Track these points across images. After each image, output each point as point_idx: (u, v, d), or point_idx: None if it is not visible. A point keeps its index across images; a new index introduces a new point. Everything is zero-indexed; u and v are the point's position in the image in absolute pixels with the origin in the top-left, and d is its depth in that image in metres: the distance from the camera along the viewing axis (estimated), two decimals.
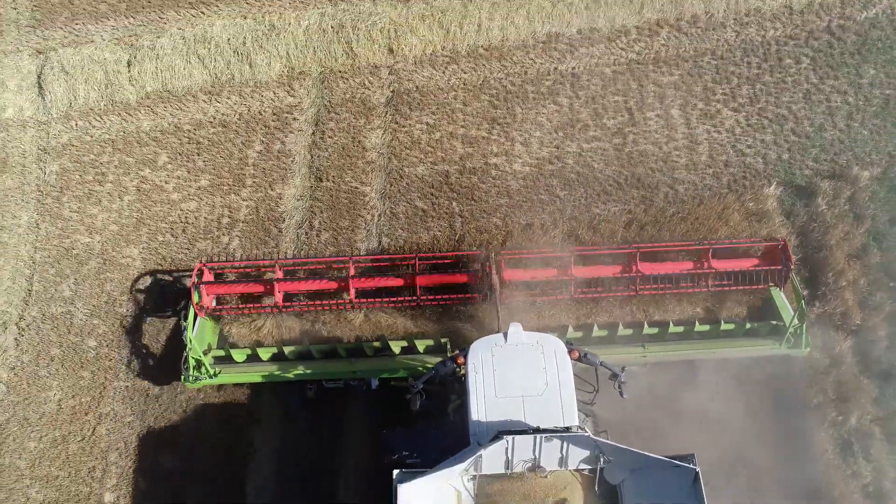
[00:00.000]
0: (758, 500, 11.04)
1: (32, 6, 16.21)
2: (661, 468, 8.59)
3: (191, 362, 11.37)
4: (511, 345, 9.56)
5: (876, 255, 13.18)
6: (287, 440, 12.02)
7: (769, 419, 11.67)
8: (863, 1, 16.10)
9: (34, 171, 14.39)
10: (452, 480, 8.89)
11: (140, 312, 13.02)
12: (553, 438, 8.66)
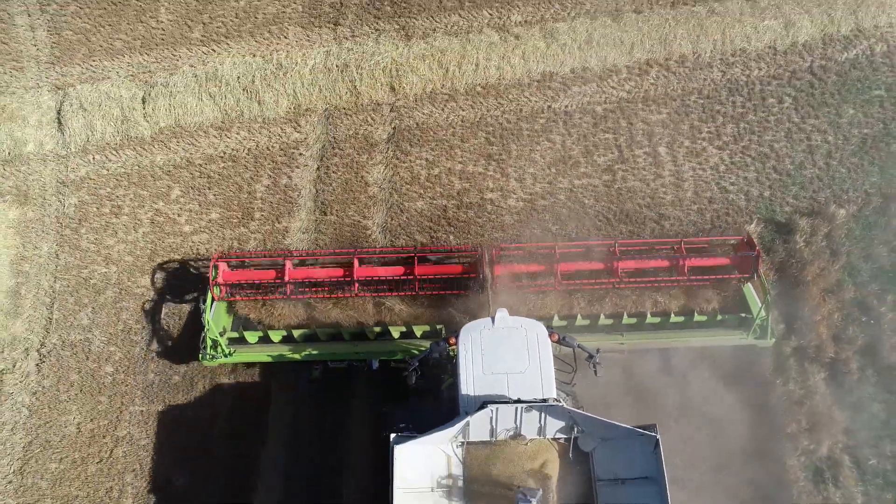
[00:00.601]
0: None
1: (51, 43, 17.07)
2: (627, 437, 9.73)
3: (208, 342, 12.42)
4: (498, 328, 10.63)
5: (850, 291, 13.93)
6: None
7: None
8: (843, 42, 16.91)
9: (54, 204, 15.20)
10: (443, 446, 9.99)
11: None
12: (532, 409, 9.84)
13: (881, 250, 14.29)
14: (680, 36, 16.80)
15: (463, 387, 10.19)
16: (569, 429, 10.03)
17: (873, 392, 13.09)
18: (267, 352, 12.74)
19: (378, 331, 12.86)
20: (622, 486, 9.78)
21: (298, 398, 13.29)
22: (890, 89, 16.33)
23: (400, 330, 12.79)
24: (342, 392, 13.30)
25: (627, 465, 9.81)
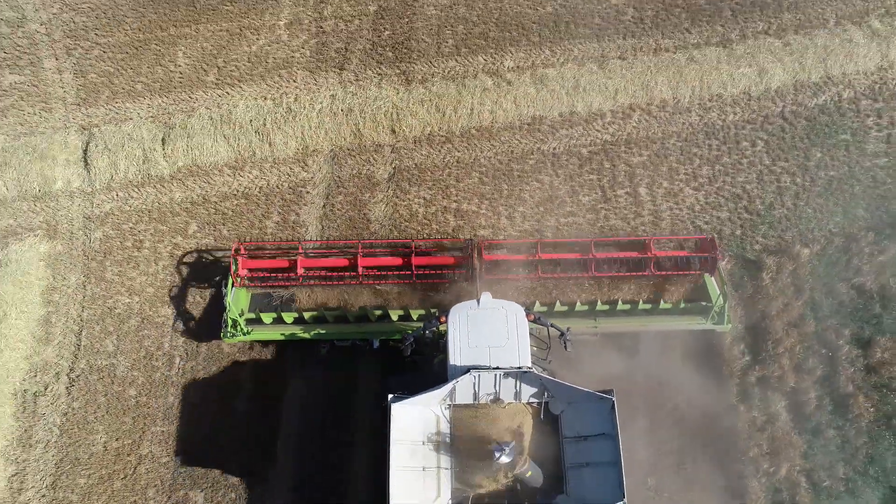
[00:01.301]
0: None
1: (77, 85, 18.39)
2: (588, 400, 11.40)
3: (228, 322, 13.96)
4: (482, 308, 12.28)
5: (811, 325, 15.15)
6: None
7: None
8: (813, 88, 18.16)
9: (80, 238, 16.49)
10: (433, 407, 11.69)
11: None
12: (509, 376, 11.54)
13: (841, 287, 15.53)
14: (661, 82, 18.10)
15: (451, 358, 11.78)
16: (541, 394, 11.74)
17: (829, 419, 14.34)
18: (280, 331, 14.39)
19: (379, 314, 14.48)
20: (584, 441, 11.44)
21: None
22: (855, 134, 17.62)
23: (398, 313, 14.42)
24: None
25: (588, 424, 11.48)
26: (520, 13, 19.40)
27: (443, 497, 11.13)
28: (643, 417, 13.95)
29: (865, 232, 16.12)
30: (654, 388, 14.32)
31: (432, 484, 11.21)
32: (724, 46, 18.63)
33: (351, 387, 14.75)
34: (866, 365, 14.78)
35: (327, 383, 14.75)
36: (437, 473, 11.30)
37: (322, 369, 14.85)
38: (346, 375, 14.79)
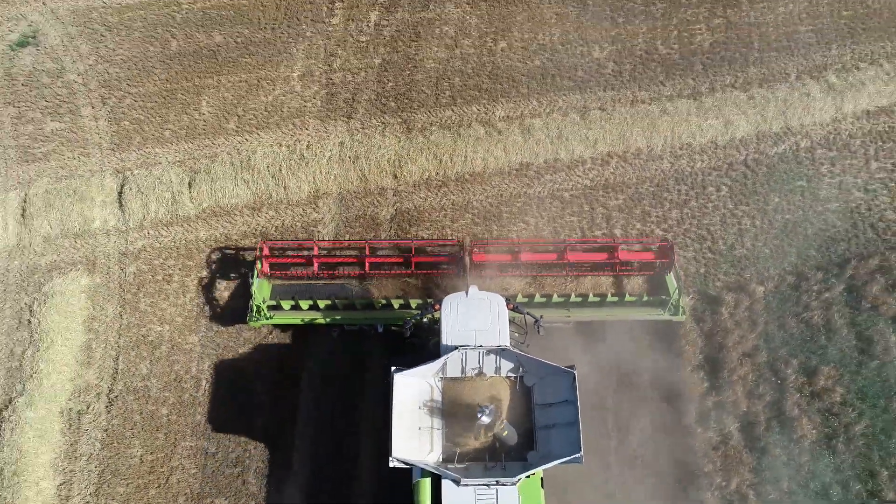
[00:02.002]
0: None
1: (112, 132, 20.44)
2: (555, 373, 13.72)
3: (253, 308, 16.36)
4: (470, 298, 14.61)
5: (763, 356, 17.12)
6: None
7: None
8: (774, 138, 20.16)
9: (116, 272, 18.51)
10: (428, 379, 14.01)
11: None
12: (491, 353, 13.96)
13: (791, 321, 17.47)
14: (636, 132, 20.10)
15: (443, 339, 14.18)
16: (517, 369, 14.16)
17: (777, 439, 16.26)
18: (298, 317, 16.76)
19: (383, 302, 16.82)
20: (550, 408, 13.69)
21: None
22: (810, 180, 19.59)
23: (399, 302, 16.76)
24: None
25: (554, 393, 13.78)
26: (511, 66, 21.43)
27: (435, 452, 13.55)
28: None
29: (815, 271, 18.10)
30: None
31: (426, 441, 13.56)
32: (695, 99, 20.64)
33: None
34: (811, 391, 16.75)
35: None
36: (430, 433, 13.67)
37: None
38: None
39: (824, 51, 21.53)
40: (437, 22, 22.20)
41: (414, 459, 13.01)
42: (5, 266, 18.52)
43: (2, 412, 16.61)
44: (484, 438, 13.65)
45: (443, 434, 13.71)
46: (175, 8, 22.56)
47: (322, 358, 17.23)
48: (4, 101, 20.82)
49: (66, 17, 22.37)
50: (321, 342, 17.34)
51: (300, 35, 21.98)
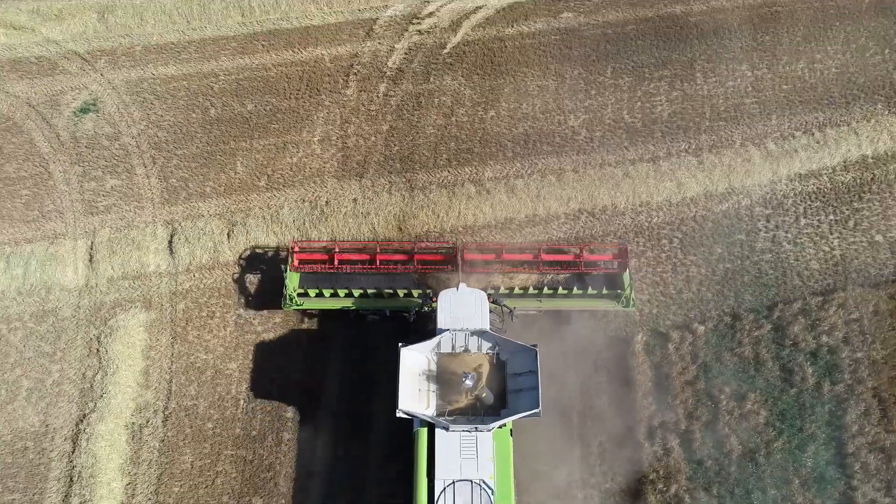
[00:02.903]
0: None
1: (162, 188, 24.23)
2: (523, 350, 18.01)
3: (286, 295, 20.38)
4: (460, 293, 19.07)
5: (702, 383, 20.75)
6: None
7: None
8: (719, 197, 23.85)
9: (168, 308, 22.23)
10: (426, 353, 18.22)
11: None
12: (474, 335, 18.48)
13: (726, 355, 21.13)
14: (603, 191, 23.81)
15: (439, 323, 18.61)
16: (494, 347, 18.47)
17: (710, 453, 19.86)
18: (322, 304, 20.91)
19: (390, 292, 20.73)
20: (518, 376, 17.96)
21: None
22: (748, 234, 23.25)
23: (404, 292, 20.84)
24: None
25: (522, 365, 17.97)
26: (498, 132, 25.19)
27: (430, 408, 17.81)
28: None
29: (748, 313, 21.78)
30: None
31: (424, 400, 17.90)
32: (653, 163, 24.36)
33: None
34: (740, 413, 20.38)
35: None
36: (427, 394, 17.99)
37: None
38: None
39: (766, 121, 25.27)
40: (436, 93, 26.01)
41: (415, 411, 17.25)
42: (76, 303, 22.28)
43: (78, 425, 20.36)
44: (468, 399, 17.97)
45: (436, 395, 18.01)
46: (213, 79, 26.43)
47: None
48: (71, 161, 24.67)
49: (121, 87, 26.24)
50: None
51: (319, 104, 25.80)
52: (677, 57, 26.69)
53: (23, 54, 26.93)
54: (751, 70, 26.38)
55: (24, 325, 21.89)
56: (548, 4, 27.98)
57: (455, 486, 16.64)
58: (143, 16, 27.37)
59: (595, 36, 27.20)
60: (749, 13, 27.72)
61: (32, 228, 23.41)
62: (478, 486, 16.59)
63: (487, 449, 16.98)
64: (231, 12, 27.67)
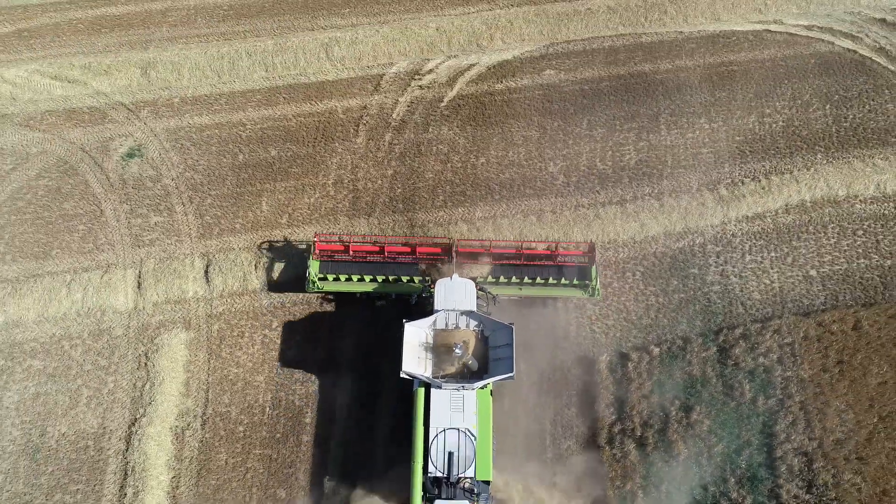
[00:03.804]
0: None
1: (198, 224, 28.17)
2: (502, 327, 22.45)
3: (309, 279, 24.75)
4: (453, 281, 23.68)
5: (656, 396, 24.50)
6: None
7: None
8: (676, 236, 27.63)
9: (204, 329, 26.11)
10: (425, 329, 22.65)
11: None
12: (463, 314, 23.04)
13: (677, 373, 24.91)
14: (576, 230, 27.68)
15: (436, 305, 23.29)
16: (479, 325, 23.04)
17: (661, 455, 23.59)
18: (338, 287, 25.48)
19: (394, 279, 25.20)
20: (498, 348, 22.36)
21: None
22: (701, 268, 27.06)
23: (407, 279, 25.29)
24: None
25: (501, 339, 22.42)
26: (488, 177, 29.09)
27: (427, 371, 22.36)
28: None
29: (697, 337, 25.57)
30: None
31: (423, 365, 22.44)
32: (621, 205, 28.21)
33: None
34: (687, 423, 24.12)
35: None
36: (425, 361, 22.54)
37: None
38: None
39: (719, 168, 29.13)
40: (434, 142, 29.96)
41: (415, 373, 21.77)
42: (127, 324, 26.19)
43: (131, 427, 24.24)
44: (457, 365, 22.47)
45: (432, 361, 22.62)
46: (241, 128, 30.44)
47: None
48: (120, 200, 28.66)
49: (162, 135, 30.26)
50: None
51: (333, 151, 29.77)
52: (645, 111, 30.65)
53: (76, 105, 31.04)
54: (708, 123, 30.31)
55: (84, 342, 25.86)
56: (532, 63, 32.04)
57: (446, 432, 21.17)
58: (180, 71, 31.47)
59: (573, 91, 31.19)
60: (708, 71, 31.72)
61: (88, 259, 27.42)
62: (463, 433, 21.17)
63: (472, 404, 21.50)
64: (256, 68, 31.76)
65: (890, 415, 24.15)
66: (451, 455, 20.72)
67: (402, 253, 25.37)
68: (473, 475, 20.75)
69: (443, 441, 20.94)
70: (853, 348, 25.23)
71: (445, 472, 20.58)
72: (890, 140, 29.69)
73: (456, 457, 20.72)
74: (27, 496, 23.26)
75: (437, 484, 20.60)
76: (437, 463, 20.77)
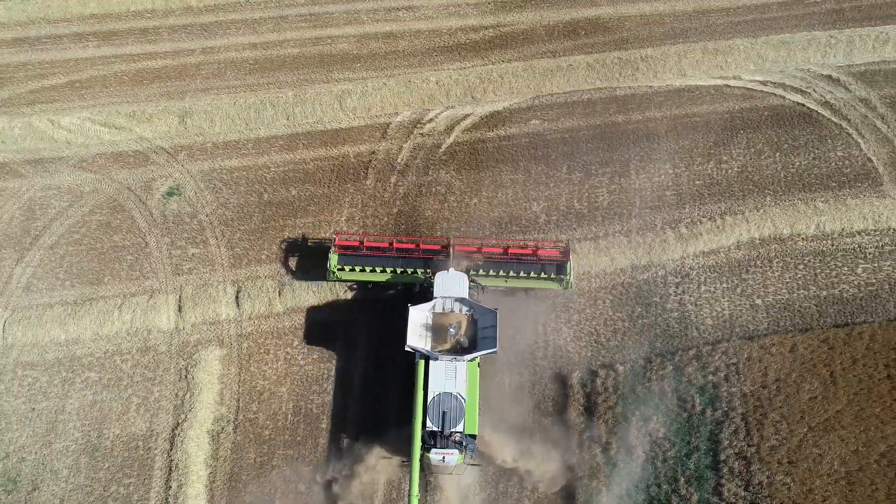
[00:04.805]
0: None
1: (229, 255, 32.61)
2: (489, 312, 28.27)
3: (329, 270, 29.41)
4: (450, 273, 29.35)
5: (620, 408, 28.73)
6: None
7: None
8: (641, 269, 31.94)
9: (235, 346, 30.49)
10: (426, 312, 27.79)
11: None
12: (457, 301, 29.09)
13: (638, 388, 29.17)
14: None
15: (435, 293, 28.62)
16: (470, 309, 28.53)
17: (622, 458, 27.84)
18: (354, 276, 30.29)
19: (400, 271, 29.62)
20: (485, 329, 27.64)
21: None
22: (661, 297, 31.39)
23: (412, 270, 30.00)
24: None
25: (488, 321, 27.78)
26: (479, 216, 33.49)
27: (427, 346, 27.30)
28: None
29: (656, 357, 29.82)
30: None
31: (423, 341, 27.62)
32: (595, 241, 32.56)
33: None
34: (647, 430, 28.35)
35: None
36: (425, 337, 27.72)
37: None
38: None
39: (681, 209, 33.46)
40: (433, 184, 34.40)
41: (417, 347, 26.67)
42: (169, 341, 30.60)
43: (174, 431, 28.63)
44: (451, 342, 27.51)
45: (431, 338, 27.75)
46: (265, 171, 34.93)
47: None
48: (162, 233, 33.12)
49: (197, 176, 34.77)
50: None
51: (345, 191, 34.22)
52: (617, 157, 35.05)
53: (123, 148, 35.59)
54: (672, 168, 34.67)
55: (133, 357, 30.30)
56: (520, 113, 36.51)
57: (441, 395, 26.12)
58: (212, 119, 35.98)
59: (556, 139, 35.62)
60: (674, 122, 36.12)
61: (136, 285, 31.90)
62: (455, 397, 26.07)
63: (462, 373, 26.61)
64: (279, 117, 36.26)
65: (818, 425, 28.44)
66: (445, 414, 25.85)
67: (408, 249, 30.03)
68: (462, 430, 25.88)
69: (438, 402, 26.00)
70: (789, 368, 29.54)
71: (440, 427, 25.73)
72: (831, 185, 34.06)
73: (449, 415, 25.79)
74: (88, 487, 27.65)
75: (434, 436, 25.74)
76: (433, 420, 25.79)
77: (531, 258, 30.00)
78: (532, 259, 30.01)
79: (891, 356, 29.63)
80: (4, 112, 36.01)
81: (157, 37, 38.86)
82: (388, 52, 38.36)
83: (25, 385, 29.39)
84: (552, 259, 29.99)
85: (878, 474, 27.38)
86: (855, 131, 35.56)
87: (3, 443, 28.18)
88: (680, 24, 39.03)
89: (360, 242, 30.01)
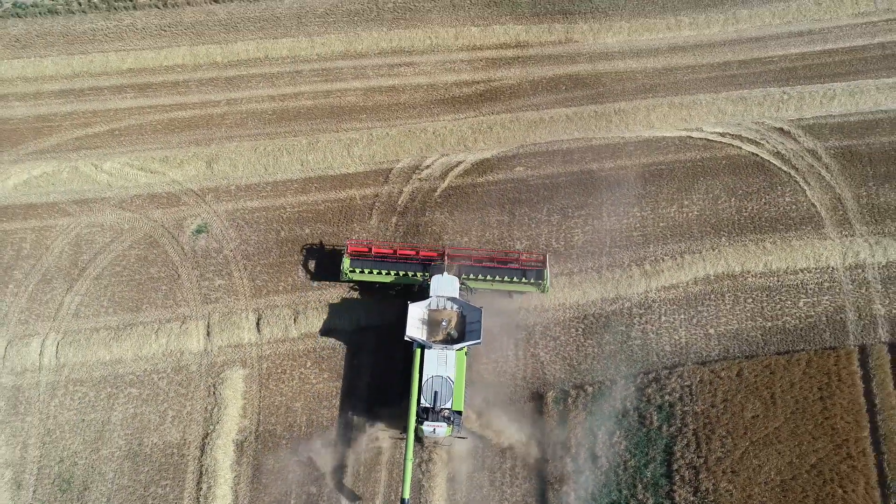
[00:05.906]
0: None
1: (251, 286, 37.23)
2: (475, 309, 33.68)
3: (342, 271, 34.98)
4: (444, 276, 34.52)
5: (588, 422, 33.23)
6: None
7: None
8: (610, 301, 36.52)
9: (257, 367, 35.14)
10: (423, 308, 33.69)
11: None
12: (449, 300, 34.10)
13: (604, 406, 33.72)
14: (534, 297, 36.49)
15: (431, 292, 33.87)
16: (460, 307, 33.78)
17: (586, 466, 32.32)
18: (363, 277, 35.41)
19: (402, 274, 34.97)
20: (472, 323, 33.11)
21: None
22: (626, 327, 35.96)
23: (412, 273, 35.20)
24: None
25: (474, 317, 33.31)
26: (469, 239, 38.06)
27: (423, 337, 32.59)
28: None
29: (621, 379, 34.41)
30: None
31: (420, 332, 32.75)
32: (569, 276, 37.23)
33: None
34: (610, 443, 32.89)
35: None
36: (422, 329, 32.97)
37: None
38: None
39: (646, 248, 38.12)
40: (429, 224, 39.11)
41: (415, 337, 31.97)
42: (199, 362, 35.27)
43: (204, 440, 33.28)
44: (443, 335, 32.67)
45: (427, 331, 32.93)
46: (282, 211, 39.72)
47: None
48: (192, 266, 37.86)
49: (222, 215, 39.55)
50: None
51: (352, 230, 38.97)
52: (591, 201, 39.74)
53: (157, 190, 40.41)
54: (639, 211, 39.34)
55: (168, 376, 34.99)
56: (507, 161, 41.29)
57: (433, 378, 31.45)
58: (236, 164, 40.80)
59: (538, 185, 40.34)
60: (643, 170, 40.83)
61: (170, 312, 36.62)
62: (445, 379, 31.50)
63: (452, 360, 31.82)
64: (294, 163, 41.07)
65: (758, 440, 32.98)
66: (437, 393, 31.13)
67: (409, 255, 35.38)
68: (451, 406, 31.17)
69: (431, 384, 31.20)
70: (735, 390, 34.11)
71: (432, 404, 30.95)
72: (778, 227, 38.70)
73: (439, 394, 31.04)
74: (130, 488, 32.28)
75: (427, 412, 30.96)
76: (427, 398, 30.99)
77: (514, 264, 35.08)
78: (515, 265, 35.05)
79: (823, 380, 34.26)
80: (54, 157, 40.92)
81: (186, 89, 43.76)
82: (391, 104, 43.21)
83: (76, 399, 34.13)
84: (532, 265, 35.16)
85: (808, 483, 31.95)
86: (802, 179, 40.23)
87: (59, 449, 32.91)
88: (650, 80, 43.80)
89: (369, 249, 35.51)
